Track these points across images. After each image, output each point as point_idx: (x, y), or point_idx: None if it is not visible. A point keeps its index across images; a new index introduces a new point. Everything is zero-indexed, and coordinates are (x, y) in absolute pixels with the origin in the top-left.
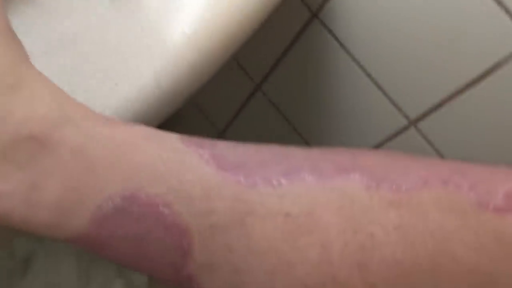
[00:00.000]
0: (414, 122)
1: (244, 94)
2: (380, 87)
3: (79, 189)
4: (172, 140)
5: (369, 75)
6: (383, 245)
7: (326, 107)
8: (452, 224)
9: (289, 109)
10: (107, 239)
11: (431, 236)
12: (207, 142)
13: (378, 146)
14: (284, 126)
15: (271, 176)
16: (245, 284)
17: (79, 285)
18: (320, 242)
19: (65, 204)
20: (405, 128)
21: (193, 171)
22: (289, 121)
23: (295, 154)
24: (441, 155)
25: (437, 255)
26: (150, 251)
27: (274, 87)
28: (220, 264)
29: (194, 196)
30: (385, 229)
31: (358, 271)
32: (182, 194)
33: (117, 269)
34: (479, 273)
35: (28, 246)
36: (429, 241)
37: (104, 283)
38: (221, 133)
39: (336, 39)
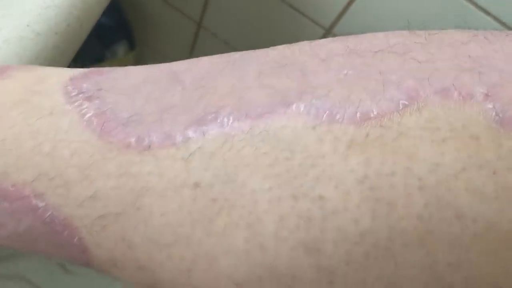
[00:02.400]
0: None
1: None
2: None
3: None
4: (54, 91)
5: None
6: (341, 212)
7: None
8: (455, 163)
9: None
10: None
11: (420, 187)
12: (102, 87)
13: None
14: None
15: (174, 130)
16: (159, 283)
17: None
18: (246, 221)
19: None
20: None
21: (68, 141)
22: None
23: (222, 84)
24: None
25: (430, 216)
26: (44, 249)
27: None
28: (123, 262)
29: (70, 179)
30: (343, 186)
31: (306, 255)
32: (56, 178)
33: None
34: (501, 233)
35: None
36: (416, 196)
37: None
38: (199, 24)
39: None
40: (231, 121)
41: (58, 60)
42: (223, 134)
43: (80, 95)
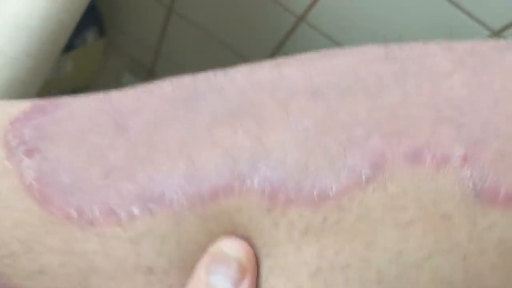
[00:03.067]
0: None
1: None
2: None
3: None
4: None
5: None
6: None
7: None
8: (420, 250)
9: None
10: None
11: (379, 280)
12: (44, 134)
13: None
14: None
15: (117, 204)
16: None
17: None
18: None
19: None
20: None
21: (10, 210)
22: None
23: (171, 136)
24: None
25: None
26: None
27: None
28: None
29: (15, 251)
30: (295, 280)
31: None
32: (2, 248)
33: None
34: None
35: None
36: None
37: None
38: (170, 8)
39: None
40: (181, 199)
41: (32, 82)
42: (173, 217)
43: (21, 147)
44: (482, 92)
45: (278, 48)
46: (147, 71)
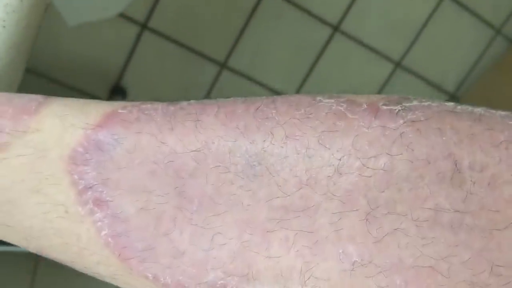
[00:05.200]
0: None
1: None
2: None
3: None
4: (60, 178)
5: None
6: None
7: None
8: None
9: None
10: None
11: None
12: (106, 178)
13: None
14: None
15: (187, 282)
16: None
17: None
18: None
19: None
20: None
21: (91, 252)
22: None
23: (229, 225)
24: None
25: None
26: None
27: None
28: None
29: (102, 276)
30: None
31: None
32: (89, 271)
33: None
34: None
35: None
36: None
37: None
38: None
39: None
40: None
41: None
42: None
43: (89, 193)
44: None
45: None
46: None
